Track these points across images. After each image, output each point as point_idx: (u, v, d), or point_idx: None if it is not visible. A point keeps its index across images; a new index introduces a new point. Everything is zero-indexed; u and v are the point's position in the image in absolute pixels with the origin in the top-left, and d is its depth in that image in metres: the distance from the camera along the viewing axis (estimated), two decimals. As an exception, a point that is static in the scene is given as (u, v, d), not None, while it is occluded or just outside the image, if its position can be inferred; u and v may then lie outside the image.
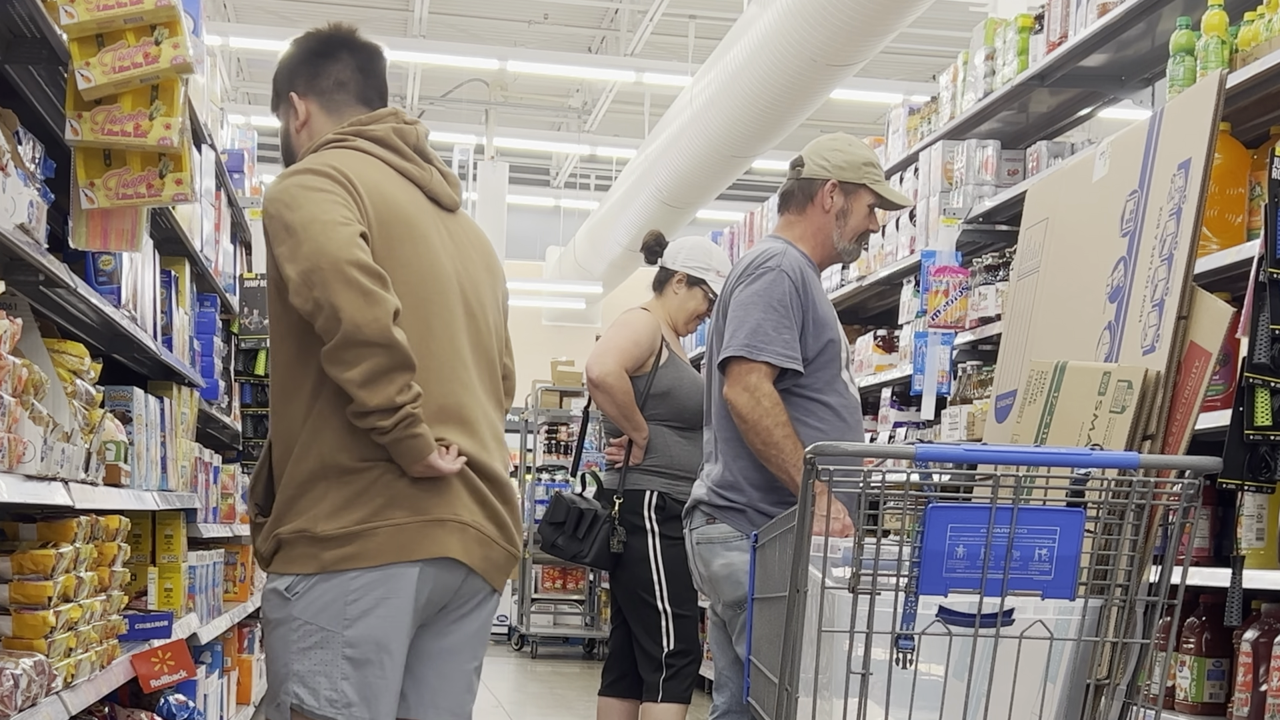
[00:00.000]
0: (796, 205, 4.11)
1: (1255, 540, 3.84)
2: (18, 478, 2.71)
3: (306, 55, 3.16)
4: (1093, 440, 2.74)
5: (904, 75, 15.77)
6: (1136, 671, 2.61)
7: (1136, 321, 2.83)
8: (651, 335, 5.17)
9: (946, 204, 6.22)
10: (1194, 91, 2.89)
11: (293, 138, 3.16)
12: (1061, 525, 2.41)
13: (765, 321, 3.88)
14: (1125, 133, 3.14)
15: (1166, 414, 2.70)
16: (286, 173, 2.97)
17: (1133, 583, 2.57)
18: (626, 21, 16.58)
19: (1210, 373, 2.67)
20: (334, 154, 3.00)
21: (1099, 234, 3.03)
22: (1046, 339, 3.20)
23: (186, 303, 5.07)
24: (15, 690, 2.65)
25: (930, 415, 6.16)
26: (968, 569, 2.39)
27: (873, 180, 4.07)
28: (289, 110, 3.16)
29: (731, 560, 3.94)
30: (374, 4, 16.57)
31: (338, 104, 3.13)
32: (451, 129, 19.70)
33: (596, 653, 13.39)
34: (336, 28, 3.19)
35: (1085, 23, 5.11)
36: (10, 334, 2.77)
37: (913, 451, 2.44)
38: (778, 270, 3.91)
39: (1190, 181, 2.75)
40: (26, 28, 3.16)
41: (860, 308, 7.99)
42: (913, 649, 2.44)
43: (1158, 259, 2.80)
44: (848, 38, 8.91)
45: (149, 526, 4.56)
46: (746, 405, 3.87)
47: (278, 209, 2.88)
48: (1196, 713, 4.10)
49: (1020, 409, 3.07)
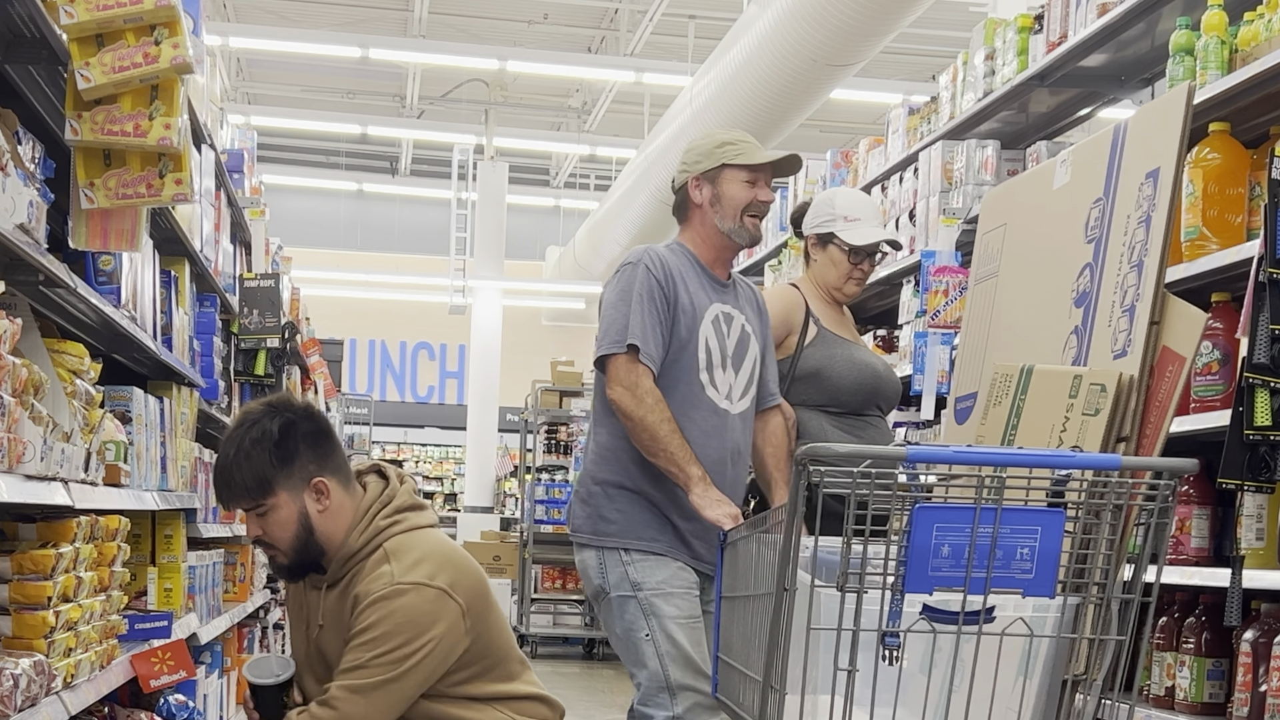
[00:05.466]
0: (682, 214, 4.22)
1: (1255, 540, 3.84)
2: (18, 478, 2.71)
3: (302, 438, 3.16)
4: (1064, 441, 2.79)
5: (904, 75, 15.78)
6: (1114, 667, 2.65)
7: (1106, 326, 2.86)
8: (786, 312, 4.60)
9: (946, 204, 6.22)
10: (1162, 102, 2.92)
11: (315, 520, 3.15)
12: (1043, 525, 2.46)
13: (633, 315, 3.96)
14: (1088, 142, 3.15)
15: (1140, 417, 2.74)
16: (405, 584, 3.04)
17: (1109, 581, 2.62)
18: (626, 21, 16.59)
19: (1183, 377, 2.71)
20: (416, 550, 3.10)
21: (1062, 240, 3.06)
22: (1008, 342, 3.21)
23: (186, 303, 5.07)
24: (15, 690, 2.65)
25: (930, 415, 6.17)
26: (952, 568, 2.44)
27: (731, 156, 4.10)
28: (304, 496, 3.15)
29: (584, 558, 4.06)
30: (374, 4, 16.57)
31: (347, 475, 3.20)
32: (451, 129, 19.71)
33: (596, 653, 13.39)
34: (285, 401, 3.24)
35: (1085, 23, 5.10)
36: (10, 334, 2.77)
37: (904, 453, 2.47)
38: (637, 264, 4.03)
39: (1160, 190, 2.79)
40: (26, 28, 3.16)
41: (860, 308, 7.98)
42: (899, 646, 2.48)
43: (1127, 265, 2.83)
44: (847, 38, 8.92)
45: (149, 526, 4.56)
46: (629, 402, 3.93)
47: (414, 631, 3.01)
48: (1196, 713, 4.10)
49: (984, 411, 3.08)
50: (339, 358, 16.67)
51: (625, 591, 3.96)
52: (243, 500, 3.20)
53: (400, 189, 23.97)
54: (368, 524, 3.09)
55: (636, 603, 3.94)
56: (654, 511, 4.01)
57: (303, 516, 3.14)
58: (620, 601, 3.96)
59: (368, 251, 24.63)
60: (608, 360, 3.98)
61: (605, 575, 3.99)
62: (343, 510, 3.13)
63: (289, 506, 3.14)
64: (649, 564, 3.97)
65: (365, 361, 25.63)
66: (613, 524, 4.01)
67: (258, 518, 3.17)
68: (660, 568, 3.97)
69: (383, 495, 3.13)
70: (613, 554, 3.99)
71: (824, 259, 4.69)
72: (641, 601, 3.94)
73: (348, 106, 20.58)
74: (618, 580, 3.98)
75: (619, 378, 3.94)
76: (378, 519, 3.09)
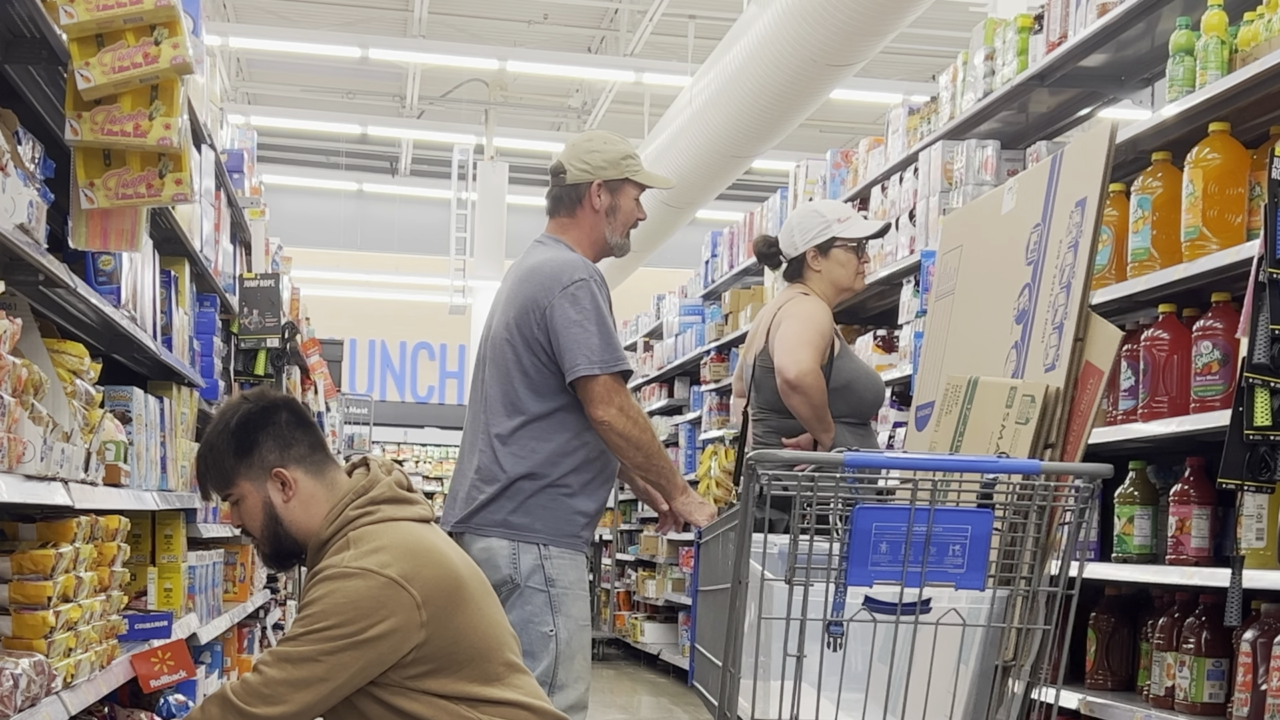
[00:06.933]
0: (566, 209, 4.26)
1: (1255, 540, 3.83)
2: (17, 478, 2.72)
3: (262, 429, 3.15)
4: (1000, 448, 3.03)
5: (904, 75, 15.77)
6: (1041, 654, 2.85)
7: (1039, 342, 3.11)
8: (830, 324, 4.80)
9: (946, 204, 6.22)
10: (1090, 137, 3.18)
11: (281, 510, 3.14)
12: (972, 524, 2.67)
13: (604, 334, 4.04)
14: (1030, 171, 3.45)
15: (1065, 425, 2.99)
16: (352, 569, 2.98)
17: (1035, 575, 2.83)
18: (626, 21, 16.59)
19: (1103, 389, 2.95)
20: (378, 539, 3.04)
21: (1007, 262, 3.33)
22: (961, 356, 3.49)
23: (186, 303, 5.07)
24: (15, 690, 2.65)
25: (930, 415, 6.16)
26: (890, 563, 2.66)
27: (633, 171, 4.21)
28: (266, 486, 3.14)
29: (490, 546, 4.08)
30: (374, 4, 16.57)
31: (316, 464, 3.17)
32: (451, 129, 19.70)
33: (596, 653, 13.39)
34: (259, 393, 3.23)
35: (1085, 23, 5.10)
36: (10, 334, 2.77)
37: (842, 459, 2.68)
38: (589, 280, 4.09)
39: (1086, 218, 3.04)
40: (26, 28, 3.16)
41: (860, 308, 7.98)
42: (842, 634, 2.70)
43: (1057, 286, 3.09)
44: (847, 38, 8.91)
45: (149, 526, 4.56)
46: (623, 425, 4.02)
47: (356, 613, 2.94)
48: (1196, 713, 4.10)
49: (938, 419, 3.36)
50: (339, 358, 16.67)
51: (537, 585, 4.02)
52: (211, 489, 3.24)
53: (400, 189, 23.96)
54: (338, 513, 3.09)
55: (548, 598, 4.01)
56: (574, 508, 4.09)
57: (268, 506, 3.14)
58: (529, 593, 4.01)
59: (368, 251, 24.62)
60: (592, 380, 4.02)
61: (517, 566, 4.02)
62: (314, 500, 3.13)
63: (253, 496, 3.15)
64: (565, 562, 4.06)
65: (365, 361, 25.62)
66: (536, 519, 4.05)
67: (233, 507, 3.21)
68: (573, 569, 4.08)
69: (359, 486, 3.13)
70: (530, 547, 4.04)
71: (829, 265, 4.89)
72: (553, 598, 4.01)
73: (348, 106, 20.59)
74: (530, 572, 4.03)
75: (609, 399, 4.01)
76: (349, 509, 3.09)
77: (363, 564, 2.95)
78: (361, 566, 2.95)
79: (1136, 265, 4.42)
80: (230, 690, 2.92)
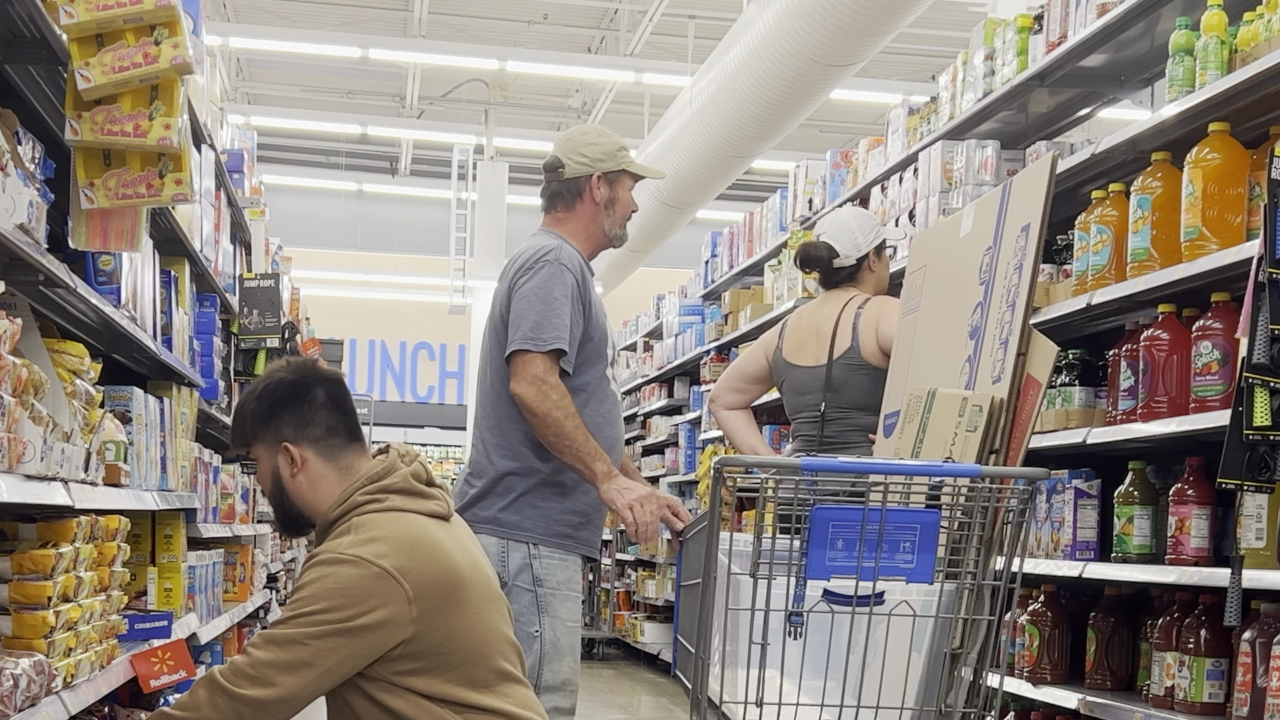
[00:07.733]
0: (565, 203, 4.25)
1: (1255, 540, 3.83)
2: (18, 478, 2.72)
3: (285, 402, 3.16)
4: (952, 454, 3.29)
5: (903, 75, 15.77)
6: (985, 642, 3.07)
7: (988, 356, 3.36)
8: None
9: (946, 204, 6.22)
10: (1035, 167, 3.42)
11: (286, 483, 3.15)
12: (921, 523, 2.92)
13: (546, 313, 3.98)
14: (986, 196, 3.68)
15: (1008, 433, 3.23)
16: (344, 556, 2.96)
17: (980, 570, 3.07)
18: (626, 21, 16.59)
19: (1041, 400, 3.22)
20: (378, 529, 3.02)
21: (963, 281, 3.59)
22: (923, 368, 3.74)
23: (186, 303, 5.08)
24: (15, 690, 2.65)
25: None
26: (846, 559, 2.91)
27: (628, 163, 4.26)
28: (277, 457, 3.16)
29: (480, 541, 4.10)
30: (374, 4, 16.57)
31: (332, 448, 3.16)
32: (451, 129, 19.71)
33: (596, 653, 13.39)
34: (301, 366, 3.23)
35: (1085, 23, 5.10)
36: (10, 334, 2.77)
37: (799, 464, 2.90)
38: (556, 263, 4.03)
39: (1029, 242, 3.30)
40: (26, 28, 3.16)
41: (860, 308, 7.97)
42: (802, 624, 2.94)
43: (1004, 305, 3.34)
44: (847, 38, 8.92)
45: (149, 526, 4.56)
46: (535, 399, 3.94)
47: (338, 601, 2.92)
48: (1196, 712, 4.10)
49: (901, 427, 3.63)
50: (339, 358, 16.66)
51: (525, 584, 3.99)
52: (234, 444, 3.27)
53: (400, 189, 23.96)
54: (346, 497, 3.09)
55: (535, 597, 3.98)
56: (566, 507, 4.05)
57: (275, 475, 3.15)
58: (517, 592, 3.98)
59: (368, 251, 24.62)
60: (522, 355, 3.97)
61: (505, 564, 3.99)
62: (323, 481, 3.13)
63: (266, 462, 3.18)
64: (554, 562, 4.02)
65: (365, 361, 25.62)
66: (526, 517, 4.03)
67: (257, 464, 3.24)
68: (563, 569, 4.03)
69: (374, 473, 3.13)
70: (519, 545, 4.01)
71: (881, 266, 5.15)
72: (540, 598, 3.98)
73: (347, 106, 20.58)
74: (518, 570, 4.00)
75: (530, 374, 3.94)
76: (357, 494, 3.08)
77: (357, 552, 2.94)
78: (356, 554, 2.94)
79: (1136, 265, 4.42)
80: (218, 672, 2.92)
